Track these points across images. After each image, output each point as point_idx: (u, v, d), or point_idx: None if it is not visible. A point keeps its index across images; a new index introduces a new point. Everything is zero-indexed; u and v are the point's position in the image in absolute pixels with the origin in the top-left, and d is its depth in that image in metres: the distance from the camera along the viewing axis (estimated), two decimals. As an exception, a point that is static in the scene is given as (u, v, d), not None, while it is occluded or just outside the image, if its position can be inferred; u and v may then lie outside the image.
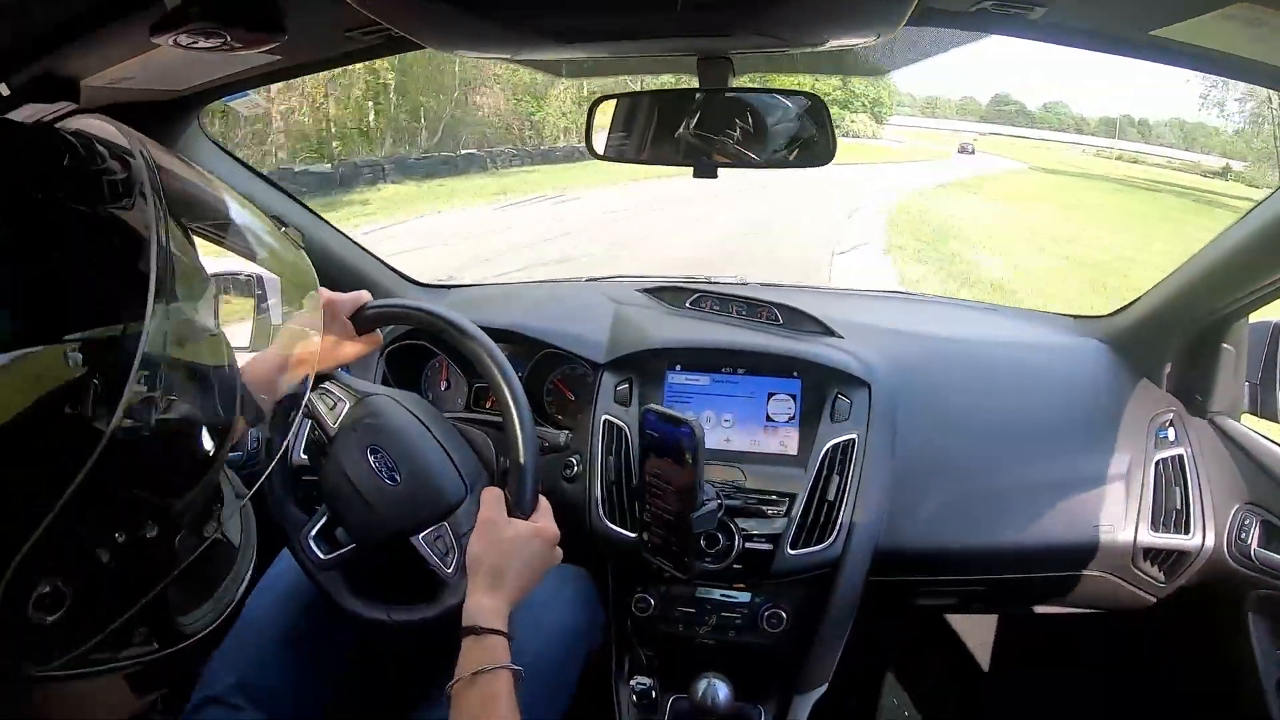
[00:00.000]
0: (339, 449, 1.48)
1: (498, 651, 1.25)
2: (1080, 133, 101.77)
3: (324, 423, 1.51)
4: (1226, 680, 1.89)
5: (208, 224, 0.88)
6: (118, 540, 0.73)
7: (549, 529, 1.44)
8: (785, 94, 1.47)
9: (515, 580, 1.35)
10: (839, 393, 1.92)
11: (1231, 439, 1.93)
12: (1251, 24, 1.07)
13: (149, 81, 1.48)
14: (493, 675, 1.22)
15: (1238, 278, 1.78)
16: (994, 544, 1.93)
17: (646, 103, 1.55)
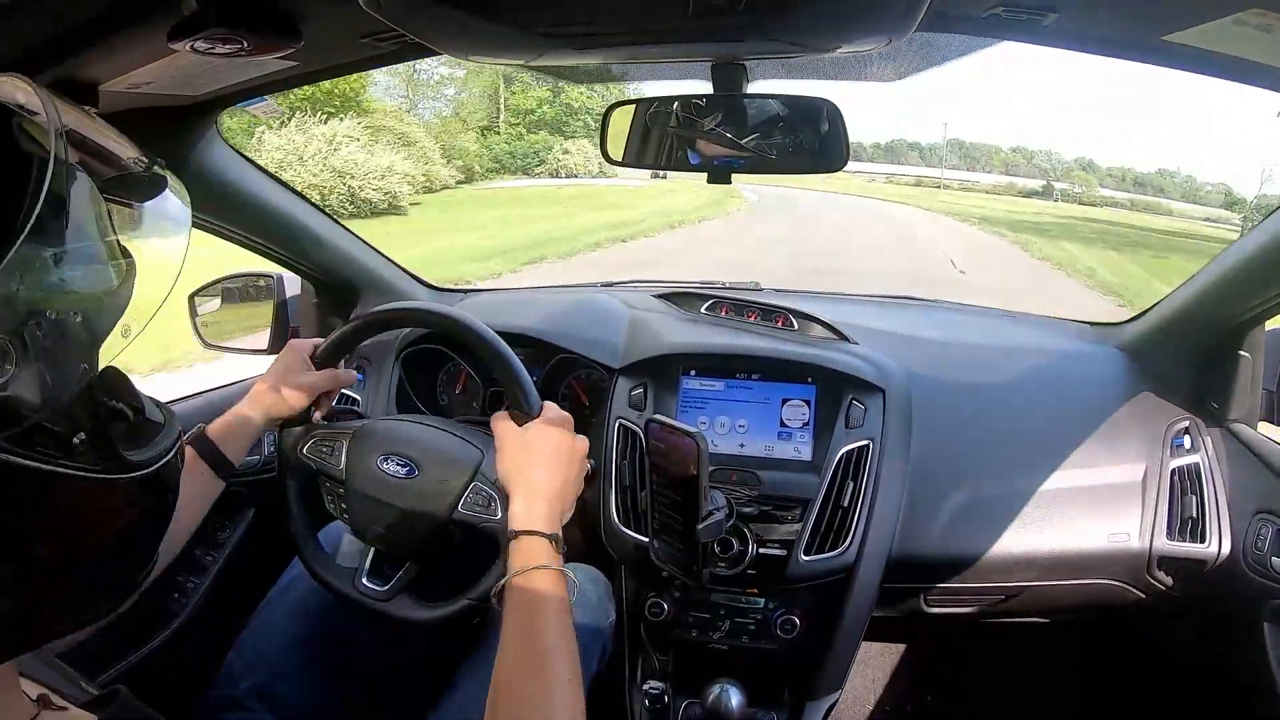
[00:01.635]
0: (354, 479, 1.50)
1: (536, 552, 1.25)
2: (859, 160, 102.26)
3: (332, 471, 1.52)
4: (1241, 690, 1.87)
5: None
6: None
7: (560, 416, 1.46)
8: (797, 99, 1.47)
9: (547, 477, 1.35)
10: (853, 399, 1.91)
11: (1248, 447, 1.92)
12: (1263, 29, 1.07)
13: (167, 86, 1.49)
14: (531, 574, 1.21)
15: (1255, 284, 1.78)
16: (1008, 551, 1.92)
17: (660, 108, 1.55)
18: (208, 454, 1.44)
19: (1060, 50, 1.37)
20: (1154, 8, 1.16)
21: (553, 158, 45.76)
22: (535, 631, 1.17)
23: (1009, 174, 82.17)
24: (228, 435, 1.47)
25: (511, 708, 1.09)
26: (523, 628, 1.17)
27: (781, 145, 1.48)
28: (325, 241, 2.22)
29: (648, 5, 1.14)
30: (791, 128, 1.47)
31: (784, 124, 1.48)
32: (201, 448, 1.44)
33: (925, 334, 2.27)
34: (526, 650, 1.15)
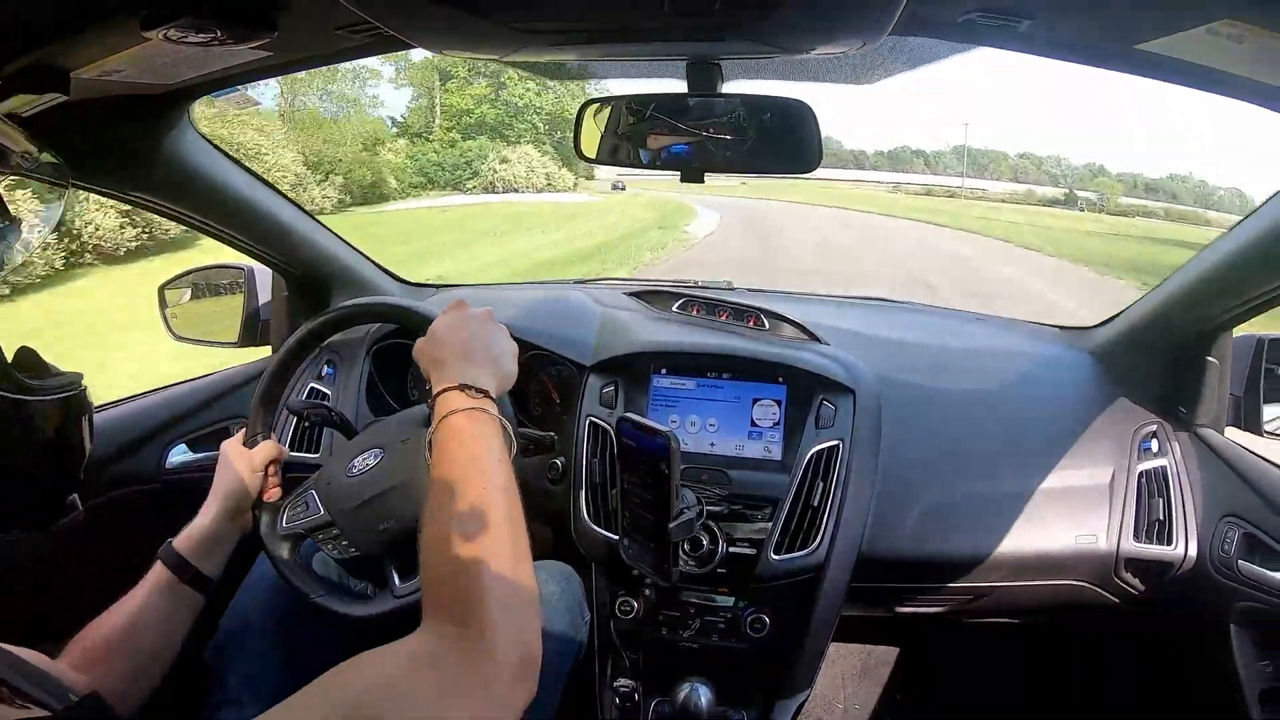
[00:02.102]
0: (339, 505, 1.51)
1: (448, 402, 1.24)
2: (862, 168, 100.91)
3: (316, 520, 1.53)
4: (1208, 691, 1.89)
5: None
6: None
7: (452, 303, 1.46)
8: (772, 100, 1.48)
9: (449, 346, 1.35)
10: (824, 399, 1.92)
11: (1215, 451, 1.94)
12: (1235, 39, 1.08)
13: (139, 75, 1.48)
14: (444, 423, 1.21)
15: (1223, 291, 1.79)
16: (976, 552, 1.93)
17: (635, 106, 1.55)
18: (173, 563, 1.43)
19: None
20: (1128, 16, 1.17)
21: (487, 169, 41.11)
22: (451, 463, 1.16)
23: (1019, 181, 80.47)
24: (191, 545, 1.46)
25: (436, 535, 1.09)
26: (442, 466, 1.16)
27: (755, 145, 1.48)
28: (297, 234, 2.21)
29: (624, 2, 1.14)
30: (765, 128, 1.48)
31: (758, 124, 1.48)
32: (168, 557, 1.43)
33: (896, 335, 2.28)
34: (445, 483, 1.13)
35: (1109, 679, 2.45)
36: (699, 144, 1.49)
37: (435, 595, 1.03)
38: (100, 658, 1.29)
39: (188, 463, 2.12)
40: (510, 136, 44.11)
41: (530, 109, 45.16)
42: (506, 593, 1.02)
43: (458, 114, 44.75)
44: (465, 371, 1.29)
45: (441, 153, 41.61)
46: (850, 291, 2.80)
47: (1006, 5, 1.20)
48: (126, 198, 1.86)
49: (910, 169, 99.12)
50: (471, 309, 1.44)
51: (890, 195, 66.63)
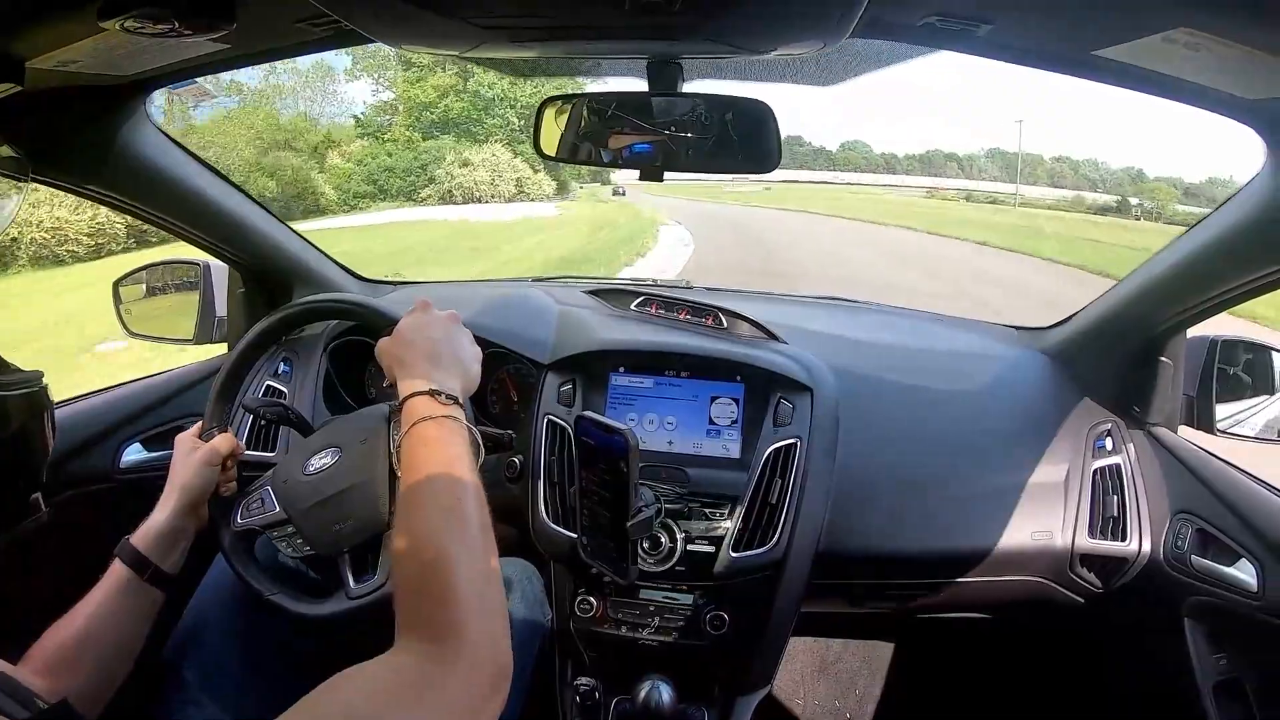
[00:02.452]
0: (295, 502, 1.50)
1: (417, 408, 1.25)
2: (894, 172, 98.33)
3: (272, 517, 1.52)
4: (1164, 684, 1.92)
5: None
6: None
7: (417, 304, 1.47)
8: (732, 99, 1.48)
9: (416, 349, 1.36)
10: (782, 397, 1.93)
11: (1168, 450, 1.98)
12: (1191, 47, 1.10)
13: (96, 66, 1.46)
14: (413, 430, 1.22)
15: (1177, 294, 1.82)
16: (934, 548, 1.95)
17: (596, 104, 1.55)
18: (131, 560, 1.41)
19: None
20: (1086, 23, 1.18)
21: (444, 173, 35.90)
22: (415, 475, 1.16)
23: (1056, 185, 77.90)
24: (149, 541, 1.44)
25: (409, 545, 1.08)
26: (412, 474, 1.16)
27: (715, 145, 1.48)
28: (254, 229, 2.19)
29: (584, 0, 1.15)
30: (726, 127, 1.48)
31: (718, 123, 1.48)
32: (125, 555, 1.42)
33: (855, 335, 2.29)
34: (416, 492, 1.14)
35: (1066, 674, 2.47)
36: (659, 143, 1.49)
37: (411, 608, 1.03)
38: (63, 662, 1.28)
39: (142, 462, 2.09)
40: (479, 134, 39.25)
41: (503, 101, 39.79)
42: (482, 606, 1.02)
43: (418, 108, 39.70)
44: (433, 376, 1.30)
45: (396, 155, 37.08)
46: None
47: (966, 10, 1.22)
48: (80, 191, 1.83)
49: (944, 173, 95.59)
50: (436, 310, 1.45)
51: (928, 202, 62.22)
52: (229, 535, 1.54)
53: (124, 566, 1.40)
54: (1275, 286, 1.60)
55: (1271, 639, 1.64)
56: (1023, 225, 38.09)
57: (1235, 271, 1.64)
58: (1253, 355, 1.99)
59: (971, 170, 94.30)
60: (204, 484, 1.53)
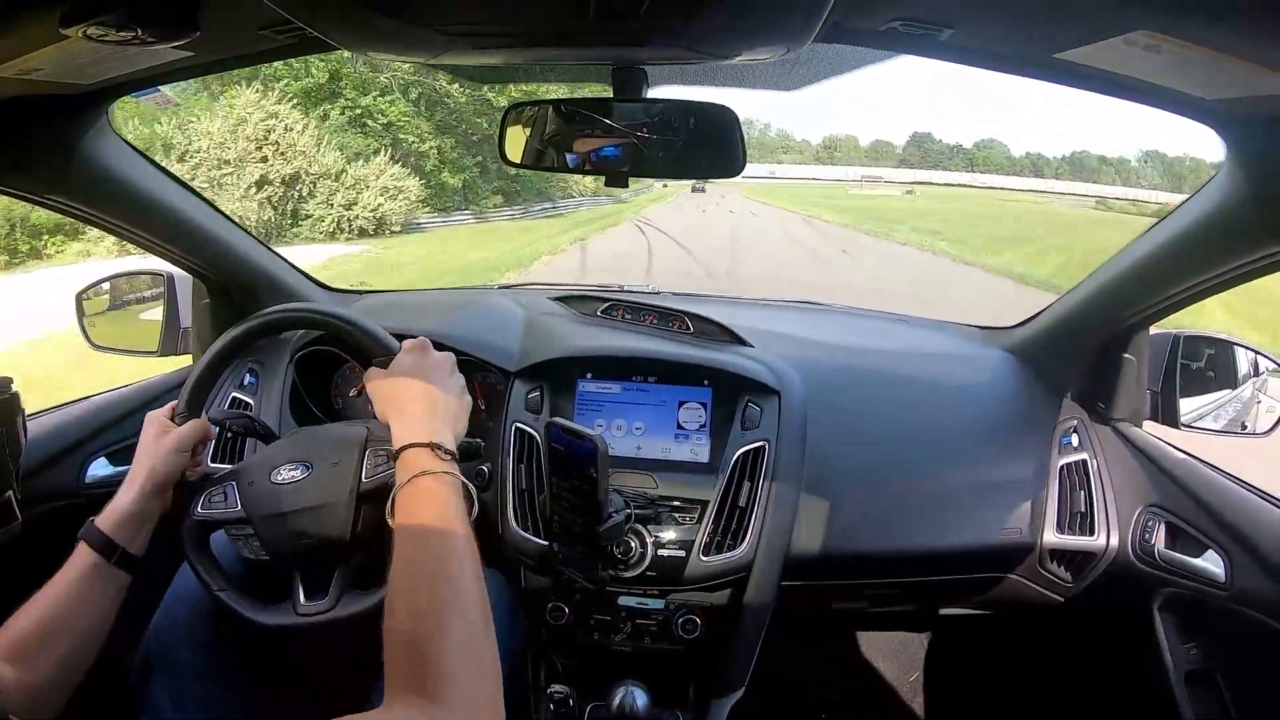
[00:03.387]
0: (256, 507, 1.48)
1: (416, 460, 1.26)
2: (1041, 175, 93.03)
3: (231, 514, 1.51)
4: (1136, 676, 1.93)
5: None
6: None
7: (415, 342, 1.49)
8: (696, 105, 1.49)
9: (416, 395, 1.38)
10: (749, 401, 1.94)
11: (1134, 445, 2.00)
12: (1151, 49, 1.11)
13: (57, 74, 1.45)
14: (412, 484, 1.23)
15: (1140, 291, 1.84)
16: (905, 548, 1.96)
17: (560, 111, 1.55)
18: (98, 543, 1.39)
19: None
20: (1047, 27, 1.19)
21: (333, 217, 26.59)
22: (415, 532, 1.17)
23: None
24: (115, 524, 1.42)
25: (405, 600, 1.09)
26: (407, 535, 1.18)
27: (680, 149, 1.49)
28: (218, 240, 2.17)
29: (548, 7, 1.15)
30: (690, 132, 1.49)
31: (683, 128, 1.49)
32: (91, 538, 1.40)
33: (821, 337, 2.30)
34: (411, 553, 1.15)
35: (1040, 668, 2.49)
36: (625, 147, 1.50)
37: (405, 662, 1.03)
38: (29, 648, 1.26)
39: (108, 476, 2.06)
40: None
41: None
42: (478, 666, 1.05)
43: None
44: (432, 428, 1.32)
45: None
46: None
47: (928, 15, 1.22)
48: (41, 201, 1.81)
49: (1098, 179, 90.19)
50: (435, 353, 1.47)
51: (1101, 214, 53.18)
52: (188, 522, 1.51)
53: (90, 550, 1.38)
54: (1236, 282, 1.62)
55: (1241, 628, 1.66)
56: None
57: (1197, 268, 1.66)
58: (1215, 350, 2.02)
59: (1129, 176, 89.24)
60: (172, 470, 1.51)
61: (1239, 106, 1.27)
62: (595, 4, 1.06)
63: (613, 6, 1.08)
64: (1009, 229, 36.87)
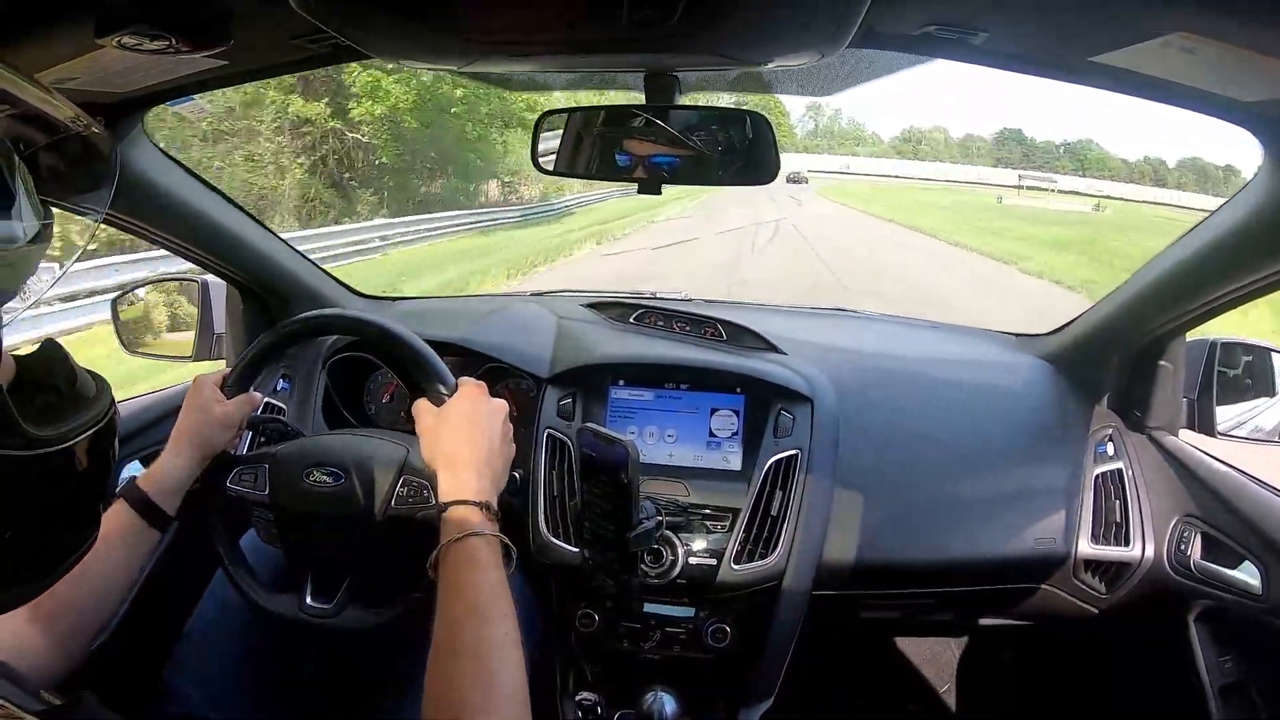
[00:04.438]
0: (283, 499, 1.49)
1: (468, 519, 1.25)
2: (1164, 185, 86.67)
3: (257, 496, 1.51)
4: (1170, 689, 1.91)
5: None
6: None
7: (473, 387, 1.46)
8: (729, 111, 1.48)
9: (470, 446, 1.36)
10: (782, 408, 1.93)
11: (1170, 454, 1.97)
12: (1188, 51, 1.09)
13: (91, 83, 1.46)
14: (463, 542, 1.22)
15: (1175, 297, 1.81)
16: (937, 558, 1.94)
17: (592, 118, 1.55)
18: (140, 506, 1.40)
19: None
20: (1082, 29, 1.18)
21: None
22: (467, 596, 1.17)
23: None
24: (161, 488, 1.43)
25: (450, 665, 1.09)
26: (456, 594, 1.17)
27: (712, 157, 1.48)
28: (252, 247, 2.18)
29: (580, 14, 1.14)
30: (722, 139, 1.48)
31: (715, 136, 1.48)
32: (133, 499, 1.41)
33: (854, 345, 2.29)
34: (460, 615, 1.15)
35: (1072, 679, 2.47)
36: (657, 155, 1.50)
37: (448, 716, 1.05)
38: (53, 607, 1.26)
39: None
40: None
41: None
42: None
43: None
44: (482, 486, 1.31)
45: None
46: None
47: (962, 18, 1.21)
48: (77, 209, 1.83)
49: (1225, 191, 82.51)
50: (489, 400, 1.46)
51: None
52: (218, 494, 1.53)
53: (128, 509, 1.39)
54: (1275, 288, 1.60)
55: (1277, 641, 1.64)
56: None
57: (1234, 274, 1.63)
58: (1252, 357, 1.99)
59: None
60: (219, 442, 1.53)
61: (1277, 109, 1.25)
62: (628, 11, 1.06)
63: (646, 13, 1.07)
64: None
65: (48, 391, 0.79)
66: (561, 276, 16.21)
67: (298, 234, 16.88)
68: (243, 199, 2.45)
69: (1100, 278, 17.68)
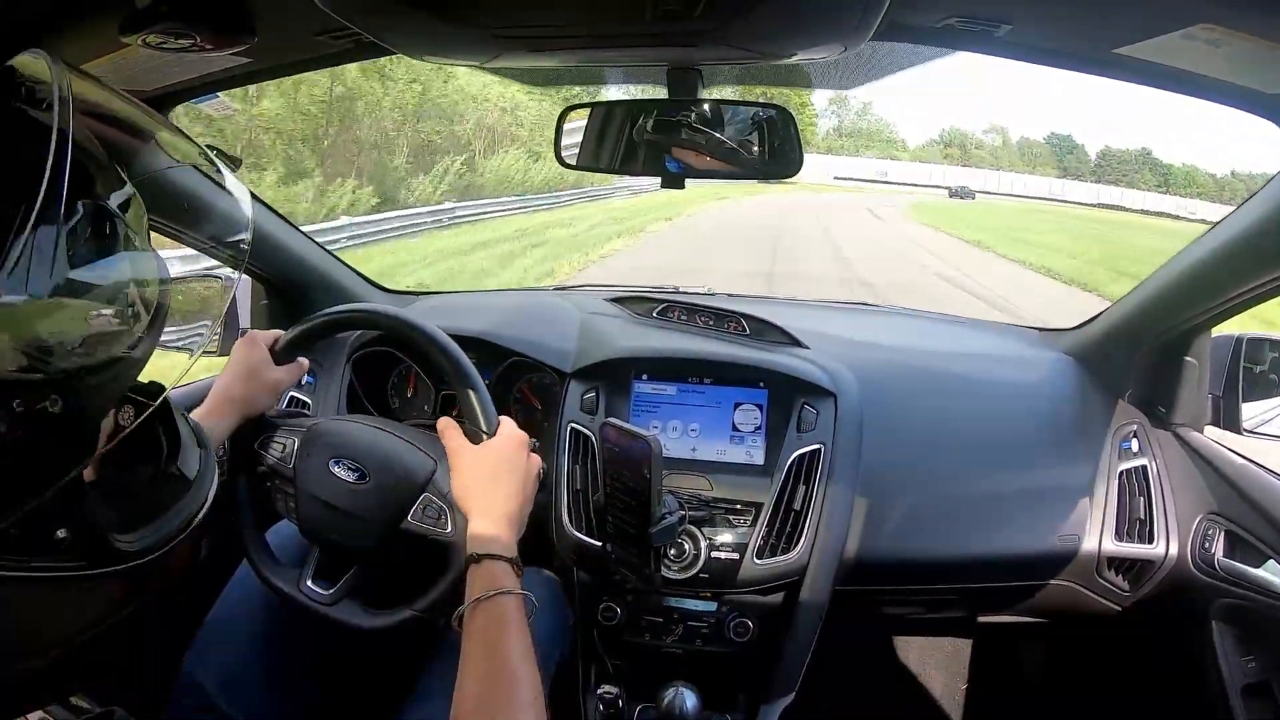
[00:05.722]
0: (304, 481, 1.49)
1: (500, 576, 1.25)
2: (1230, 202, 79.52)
3: (282, 469, 1.52)
4: (1191, 688, 1.90)
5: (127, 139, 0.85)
6: (15, 409, 0.66)
7: (516, 436, 1.46)
8: (753, 105, 1.48)
9: (506, 499, 1.36)
10: (805, 403, 1.92)
11: (1195, 450, 1.96)
12: (1212, 43, 1.09)
13: (117, 82, 1.47)
14: (495, 600, 1.22)
15: (1201, 292, 1.80)
16: (959, 553, 1.94)
17: (615, 112, 1.55)
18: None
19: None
20: (1106, 21, 1.18)
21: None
22: (499, 655, 1.17)
23: None
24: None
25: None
26: (486, 651, 1.18)
27: (736, 151, 1.48)
28: (276, 243, 2.19)
29: (604, 9, 1.14)
30: (746, 133, 1.48)
31: (738, 129, 1.48)
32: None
33: (877, 339, 2.28)
34: (491, 673, 1.15)
35: (1092, 677, 2.46)
36: (680, 150, 1.50)
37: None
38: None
39: None
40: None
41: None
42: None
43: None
44: (511, 541, 1.33)
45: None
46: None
47: (985, 11, 1.21)
48: None
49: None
50: (532, 456, 1.48)
51: None
52: (246, 455, 1.55)
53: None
54: None
55: None
56: None
57: (1259, 269, 1.63)
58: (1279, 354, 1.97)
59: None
60: (261, 408, 1.56)
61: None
62: (651, 5, 1.06)
63: (668, 8, 1.07)
64: None
65: (148, 458, 0.77)
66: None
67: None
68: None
69: None
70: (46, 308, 0.68)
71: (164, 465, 0.85)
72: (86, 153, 0.72)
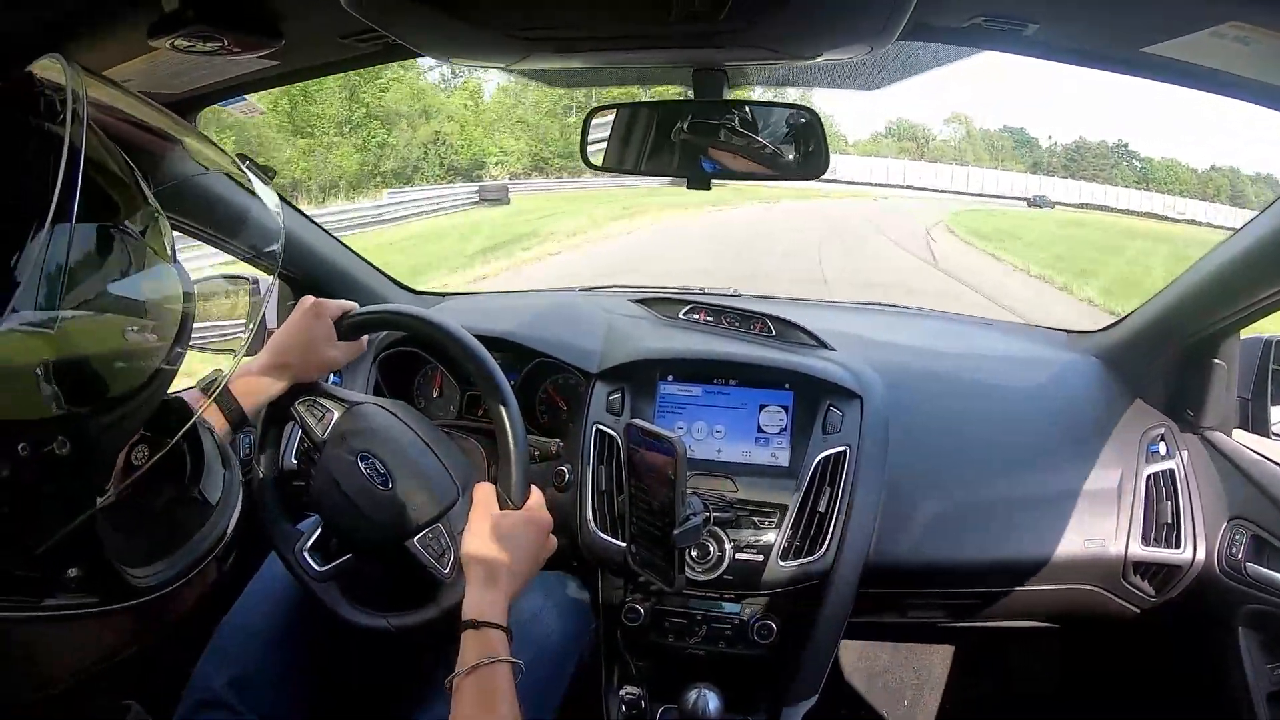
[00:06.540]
0: (329, 458, 1.49)
1: (496, 645, 1.26)
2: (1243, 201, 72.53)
3: (313, 433, 1.52)
4: (1216, 693, 1.89)
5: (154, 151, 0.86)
6: (20, 453, 0.64)
7: (541, 517, 1.47)
8: (779, 106, 1.48)
9: (511, 571, 1.37)
10: (831, 405, 1.91)
11: (1223, 454, 1.94)
12: (1240, 41, 1.08)
13: (145, 84, 1.48)
14: (491, 669, 1.23)
15: (1229, 294, 1.79)
16: (985, 557, 1.93)
17: (641, 113, 1.54)
18: (226, 408, 1.43)
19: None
20: (1133, 20, 1.17)
21: None
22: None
23: None
24: (248, 391, 1.47)
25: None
26: (482, 715, 1.20)
27: (763, 151, 1.48)
28: (303, 243, 2.20)
29: (629, 10, 1.14)
30: (773, 134, 1.48)
31: (765, 130, 1.48)
32: (222, 402, 1.43)
33: (904, 341, 2.28)
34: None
35: (1117, 683, 2.44)
36: (707, 151, 1.49)
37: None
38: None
39: None
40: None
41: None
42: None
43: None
44: (506, 609, 1.33)
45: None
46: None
47: (1012, 10, 1.21)
48: None
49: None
50: (551, 539, 1.49)
51: None
52: (284, 414, 1.58)
53: (218, 411, 1.42)
54: None
55: None
56: None
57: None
58: (1309, 357, 1.95)
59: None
60: (312, 378, 1.58)
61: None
62: (676, 7, 1.06)
63: (694, 8, 1.07)
64: None
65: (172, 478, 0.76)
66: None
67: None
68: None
69: None
70: (62, 332, 0.67)
71: (186, 487, 0.84)
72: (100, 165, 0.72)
